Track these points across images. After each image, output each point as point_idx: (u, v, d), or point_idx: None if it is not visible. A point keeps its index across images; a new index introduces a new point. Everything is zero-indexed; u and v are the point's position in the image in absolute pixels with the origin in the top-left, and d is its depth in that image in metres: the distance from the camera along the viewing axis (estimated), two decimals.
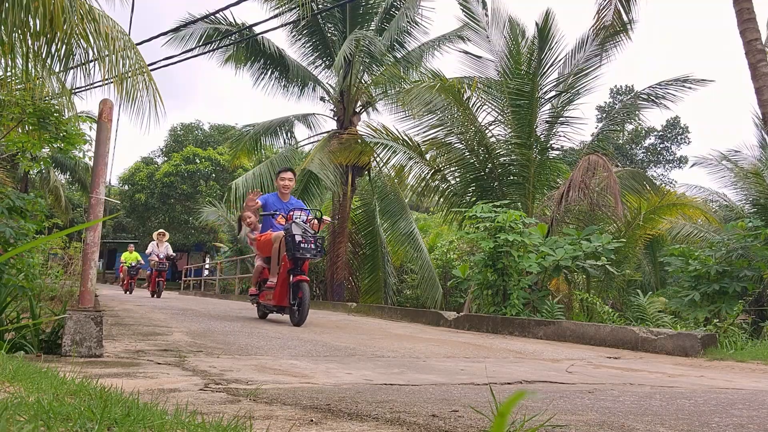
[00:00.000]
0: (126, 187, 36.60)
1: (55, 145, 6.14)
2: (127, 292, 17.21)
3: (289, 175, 6.79)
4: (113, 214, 31.52)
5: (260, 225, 6.87)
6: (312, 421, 1.61)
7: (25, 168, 15.54)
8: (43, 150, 6.77)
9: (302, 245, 5.87)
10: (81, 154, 6.74)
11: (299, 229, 6.01)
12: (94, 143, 3.42)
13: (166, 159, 37.91)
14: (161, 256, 15.42)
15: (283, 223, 6.37)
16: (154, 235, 16.22)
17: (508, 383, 2.60)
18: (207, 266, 29.08)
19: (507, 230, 6.94)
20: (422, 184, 11.20)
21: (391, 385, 2.42)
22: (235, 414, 1.61)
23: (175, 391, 2.05)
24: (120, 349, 3.35)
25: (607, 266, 7.08)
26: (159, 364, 2.84)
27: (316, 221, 6.35)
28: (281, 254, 6.16)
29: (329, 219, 6.55)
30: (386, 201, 14.33)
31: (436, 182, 11.11)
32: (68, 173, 27.35)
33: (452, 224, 12.03)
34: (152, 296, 14.83)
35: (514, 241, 6.79)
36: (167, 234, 16.55)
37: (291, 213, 6.25)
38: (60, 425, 1.18)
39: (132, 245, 19.18)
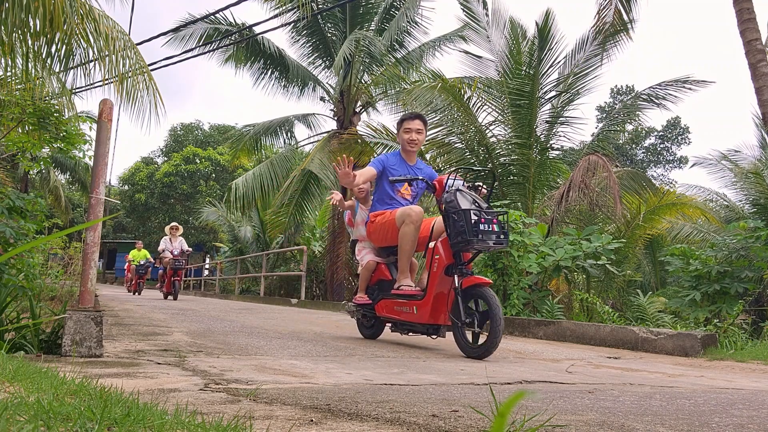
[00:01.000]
0: (126, 187, 36.69)
1: (55, 145, 6.15)
2: (135, 294, 15.71)
3: (417, 124, 4.50)
4: (113, 214, 31.52)
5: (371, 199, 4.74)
6: (312, 421, 1.61)
7: (25, 168, 15.55)
8: (43, 150, 6.79)
9: (482, 227, 3.69)
10: (81, 154, 6.70)
11: (468, 202, 3.84)
12: (94, 143, 3.42)
13: (166, 159, 38.03)
14: (176, 253, 13.58)
15: (408, 196, 4.50)
16: (167, 229, 14.43)
17: (508, 383, 2.60)
18: (207, 266, 29.12)
19: None
20: None
21: (391, 385, 2.42)
22: (235, 414, 1.61)
23: (175, 391, 2.05)
24: (120, 349, 3.35)
25: (607, 266, 7.08)
26: (159, 364, 2.84)
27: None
28: (417, 243, 4.24)
29: (485, 188, 4.20)
30: None
31: None
32: (68, 173, 27.37)
33: None
34: (165, 298, 13.09)
35: (514, 241, 6.80)
36: (181, 228, 14.51)
37: (443, 177, 4.17)
38: (60, 425, 1.18)
39: (140, 242, 18.11)
